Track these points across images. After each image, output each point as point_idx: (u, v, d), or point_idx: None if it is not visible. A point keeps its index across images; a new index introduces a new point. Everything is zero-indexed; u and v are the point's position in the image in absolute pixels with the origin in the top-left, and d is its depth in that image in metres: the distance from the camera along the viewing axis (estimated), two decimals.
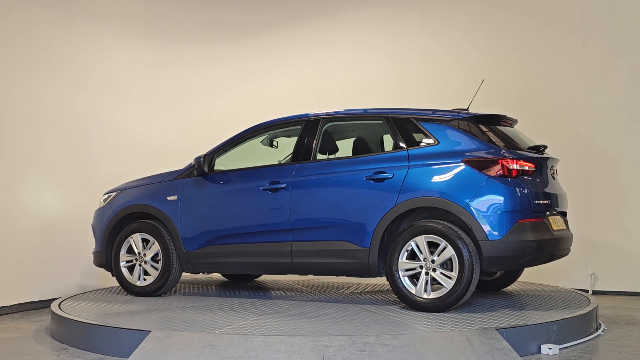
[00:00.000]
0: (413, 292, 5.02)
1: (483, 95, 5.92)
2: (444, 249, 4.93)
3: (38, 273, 6.97)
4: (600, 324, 5.36)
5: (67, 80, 7.45)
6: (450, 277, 4.91)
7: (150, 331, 4.41)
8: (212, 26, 8.87)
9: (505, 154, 5.03)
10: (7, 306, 6.66)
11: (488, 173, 4.95)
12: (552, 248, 5.19)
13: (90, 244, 6.55)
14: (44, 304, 6.88)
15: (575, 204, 7.19)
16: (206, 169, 5.84)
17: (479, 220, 4.88)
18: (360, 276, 5.44)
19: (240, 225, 5.70)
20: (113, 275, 6.17)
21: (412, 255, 5.07)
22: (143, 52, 8.44)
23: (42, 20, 7.25)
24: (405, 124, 5.37)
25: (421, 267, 5.01)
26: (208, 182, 5.88)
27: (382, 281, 6.91)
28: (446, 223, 4.97)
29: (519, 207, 4.94)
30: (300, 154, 5.62)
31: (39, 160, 7.09)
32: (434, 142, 5.21)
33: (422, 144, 5.26)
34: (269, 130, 5.99)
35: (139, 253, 6.00)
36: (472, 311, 5.03)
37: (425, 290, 4.99)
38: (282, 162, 5.92)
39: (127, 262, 6.05)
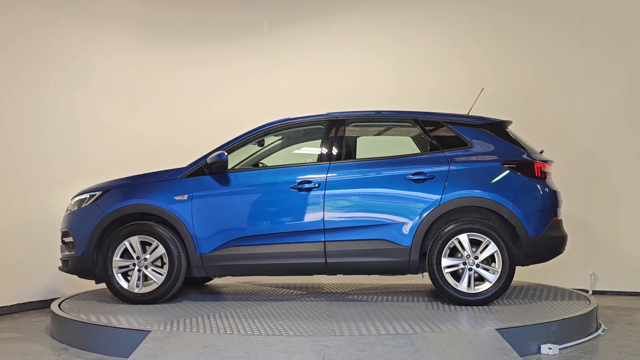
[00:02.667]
0: (458, 288, 5.26)
1: (482, 94, 5.93)
2: (487, 245, 5.25)
3: (38, 273, 6.97)
4: (600, 324, 5.37)
5: (66, 80, 7.46)
6: (493, 272, 5.24)
7: (150, 331, 4.41)
8: (212, 26, 8.86)
9: (534, 157, 5.44)
10: (7, 306, 6.67)
11: (525, 174, 5.35)
12: (566, 244, 5.62)
13: None
14: (44, 304, 6.89)
15: (575, 204, 7.22)
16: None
17: (521, 218, 5.26)
18: (396, 274, 5.56)
19: (266, 226, 5.52)
20: (97, 283, 5.77)
21: (451, 253, 5.34)
22: (143, 52, 8.44)
23: (42, 20, 7.25)
24: (437, 127, 5.63)
25: (464, 263, 5.27)
26: (225, 180, 5.62)
27: (381, 281, 6.91)
28: (487, 221, 5.31)
29: (551, 206, 5.42)
30: (329, 153, 5.61)
31: (38, 159, 7.09)
32: (468, 145, 5.50)
33: (457, 147, 5.50)
34: (286, 128, 5.91)
35: (138, 257, 5.59)
36: (472, 311, 5.03)
37: (469, 286, 5.26)
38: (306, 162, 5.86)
39: (120, 267, 5.60)
